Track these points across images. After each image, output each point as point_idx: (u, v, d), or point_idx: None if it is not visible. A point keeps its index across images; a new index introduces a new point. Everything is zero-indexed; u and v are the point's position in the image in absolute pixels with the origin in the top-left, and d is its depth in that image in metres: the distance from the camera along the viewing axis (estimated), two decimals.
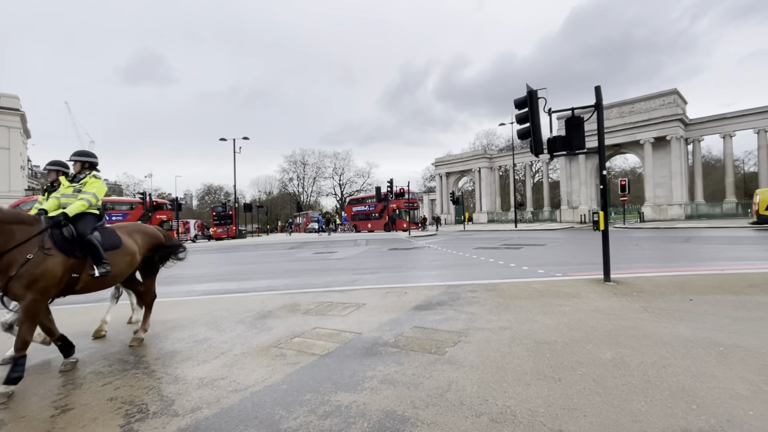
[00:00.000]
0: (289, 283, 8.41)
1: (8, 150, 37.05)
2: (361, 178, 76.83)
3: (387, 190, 26.92)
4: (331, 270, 10.39)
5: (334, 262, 12.41)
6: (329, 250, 17.37)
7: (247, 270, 11.32)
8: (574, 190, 38.34)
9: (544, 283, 6.64)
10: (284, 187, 77.29)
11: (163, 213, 29.78)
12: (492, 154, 49.99)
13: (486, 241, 17.81)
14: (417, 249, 15.72)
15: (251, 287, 8.15)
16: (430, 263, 10.80)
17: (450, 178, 54.57)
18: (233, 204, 34.25)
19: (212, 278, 9.94)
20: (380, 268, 10.21)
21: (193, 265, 12.74)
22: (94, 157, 4.14)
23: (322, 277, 9.22)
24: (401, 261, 11.62)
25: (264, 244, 23.79)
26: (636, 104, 33.14)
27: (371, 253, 14.56)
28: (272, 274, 10.10)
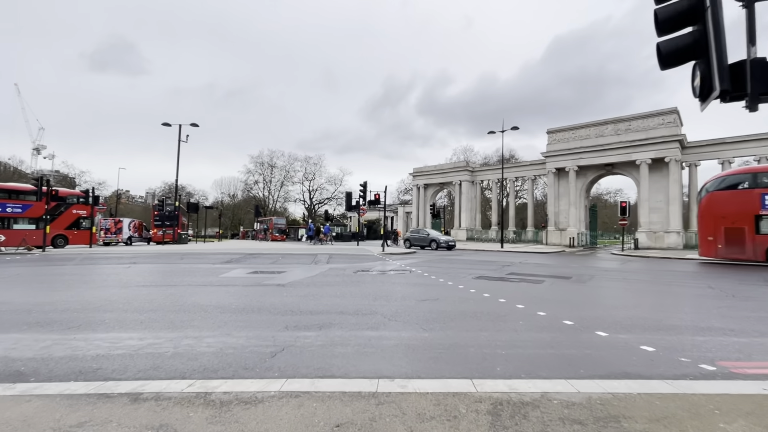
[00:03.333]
0: (151, 347, 3.86)
1: None
2: (332, 185, 72.12)
3: (360, 195, 22.60)
4: (255, 312, 5.89)
5: (270, 292, 7.87)
6: (276, 267, 12.73)
7: (111, 300, 6.58)
8: (562, 210, 35.54)
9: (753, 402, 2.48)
10: (248, 190, 71.22)
11: (81, 207, 23.97)
12: (474, 167, 46.96)
13: (481, 267, 13.76)
14: (394, 274, 11.40)
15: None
16: (422, 307, 6.49)
17: (428, 190, 51.02)
18: (174, 203, 28.65)
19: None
20: (337, 314, 5.80)
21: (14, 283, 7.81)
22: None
23: (229, 332, 4.69)
24: (373, 298, 7.24)
25: (200, 254, 18.72)
26: (633, 122, 30.86)
27: (330, 279, 10.09)
28: (141, 321, 5.45)
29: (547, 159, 36.46)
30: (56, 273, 10.95)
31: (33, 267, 12.33)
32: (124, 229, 31.25)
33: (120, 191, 79.77)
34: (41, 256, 16.74)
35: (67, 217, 23.71)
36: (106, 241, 29.91)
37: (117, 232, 30.76)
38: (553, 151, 35.59)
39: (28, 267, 12.27)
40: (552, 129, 36.34)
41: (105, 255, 17.49)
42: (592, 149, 32.90)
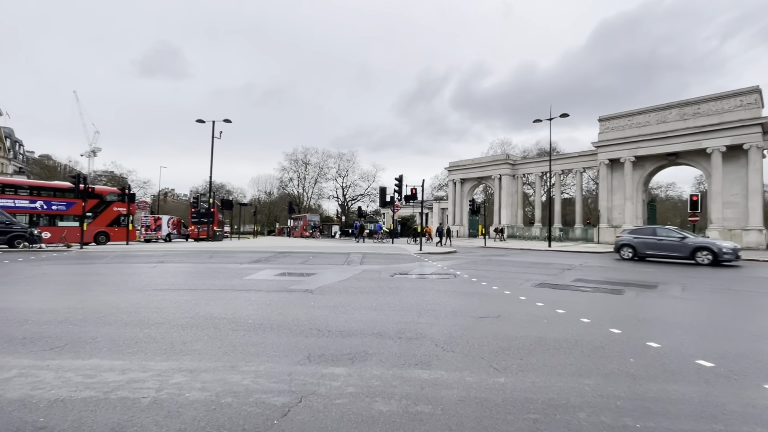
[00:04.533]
0: (129, 386, 2.74)
1: None
2: (365, 182, 71.37)
3: (395, 190, 21.26)
4: (274, 331, 4.74)
5: (295, 300, 6.75)
6: (306, 268, 11.72)
7: (119, 308, 5.69)
8: (617, 205, 32.35)
9: None
10: (284, 187, 72.02)
11: (121, 205, 24.41)
12: (515, 160, 44.23)
13: (536, 270, 12.02)
14: (437, 278, 9.99)
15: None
16: (482, 328, 5.06)
17: (465, 185, 48.80)
18: (209, 200, 28.73)
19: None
20: (374, 337, 4.53)
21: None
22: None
23: (235, 364, 3.52)
24: (417, 313, 5.90)
25: (230, 252, 18.21)
26: (704, 104, 27.26)
27: (364, 284, 8.85)
28: (137, 341, 4.45)
29: (598, 149, 33.37)
30: (81, 273, 10.51)
31: (63, 266, 12.07)
32: (163, 226, 31.89)
33: (166, 190, 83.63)
34: (78, 253, 16.84)
35: (108, 214, 24.24)
36: (146, 238, 30.64)
37: (156, 229, 31.43)
38: (606, 140, 32.45)
39: (58, 265, 12.02)
40: (604, 116, 33.15)
41: (137, 253, 17.35)
42: (653, 137, 29.55)
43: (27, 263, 12.49)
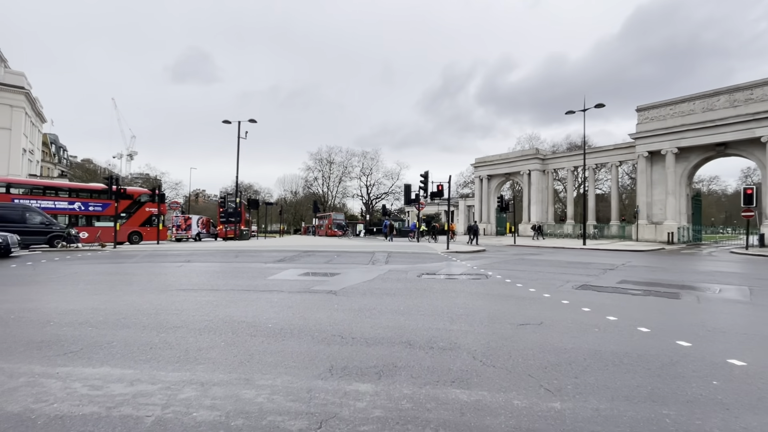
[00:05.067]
0: (135, 401, 2.45)
1: (9, 131, 34.13)
2: (389, 180, 71.04)
3: (420, 187, 20.70)
4: (295, 337, 4.41)
5: (318, 302, 6.42)
6: (330, 268, 11.42)
7: (140, 310, 5.53)
8: (657, 200, 30.36)
9: None
10: (309, 186, 72.76)
11: (153, 206, 25.12)
12: (545, 155, 42.55)
13: (575, 270, 11.21)
14: (468, 279, 9.42)
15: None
16: (524, 338, 4.52)
17: (492, 181, 47.48)
18: (236, 200, 29.16)
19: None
20: (402, 346, 4.10)
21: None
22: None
23: (250, 376, 3.17)
24: (449, 319, 5.40)
25: (255, 251, 18.25)
26: (756, 89, 25.05)
27: (390, 285, 8.42)
28: (151, 347, 4.22)
29: (636, 141, 31.46)
30: (110, 272, 10.65)
31: (94, 265, 12.33)
32: (192, 226, 32.72)
33: (197, 191, 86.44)
34: (111, 252, 17.35)
35: (141, 214, 25.01)
36: (177, 237, 31.52)
37: (187, 229, 32.28)
38: (645, 131, 30.52)
39: (89, 265, 12.29)
40: (643, 106, 31.20)
41: (166, 252, 17.68)
42: (698, 126, 27.48)
43: (62, 262, 12.86)
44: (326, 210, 63.48)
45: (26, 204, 19.84)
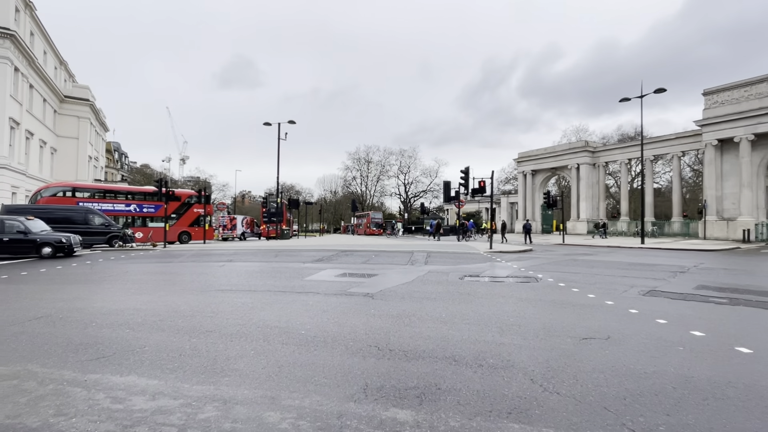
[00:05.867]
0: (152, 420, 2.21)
1: (77, 140, 37.30)
2: (427, 178, 70.07)
3: (460, 184, 19.88)
4: (328, 346, 4.09)
5: (354, 306, 6.08)
6: (368, 268, 11.11)
7: (178, 311, 5.48)
8: (729, 194, 27.22)
9: None
10: (347, 185, 73.54)
11: (200, 207, 26.28)
12: (596, 147, 39.77)
13: (639, 273, 10.06)
14: (515, 283, 8.68)
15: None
16: (590, 355, 3.88)
17: (537, 177, 45.20)
18: (277, 200, 29.82)
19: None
20: (446, 362, 3.63)
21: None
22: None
23: (276, 394, 2.85)
24: (498, 329, 4.83)
25: (295, 250, 18.41)
26: None
27: (430, 288, 7.92)
28: (182, 354, 4.07)
29: (703, 129, 28.44)
30: (156, 272, 11.01)
31: (143, 264, 12.88)
32: (237, 226, 33.97)
33: (243, 192, 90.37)
34: (161, 252, 18.23)
35: (189, 215, 26.26)
36: (223, 237, 32.86)
37: (232, 229, 33.57)
38: (714, 117, 27.46)
39: (139, 264, 12.86)
40: (711, 89, 28.10)
41: (210, 251, 18.28)
42: None
43: (116, 261, 13.59)
44: (364, 209, 63.81)
45: (89, 207, 21.41)
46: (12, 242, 14.17)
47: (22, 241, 14.25)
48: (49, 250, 14.43)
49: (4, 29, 24.37)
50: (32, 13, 29.10)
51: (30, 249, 14.31)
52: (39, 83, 31.03)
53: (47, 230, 15.49)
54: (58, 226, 17.30)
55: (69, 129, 36.67)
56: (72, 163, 36.50)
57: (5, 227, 14.36)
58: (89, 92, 39.35)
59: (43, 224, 15.70)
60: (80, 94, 38.27)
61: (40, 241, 14.43)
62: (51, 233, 15.21)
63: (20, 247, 14.24)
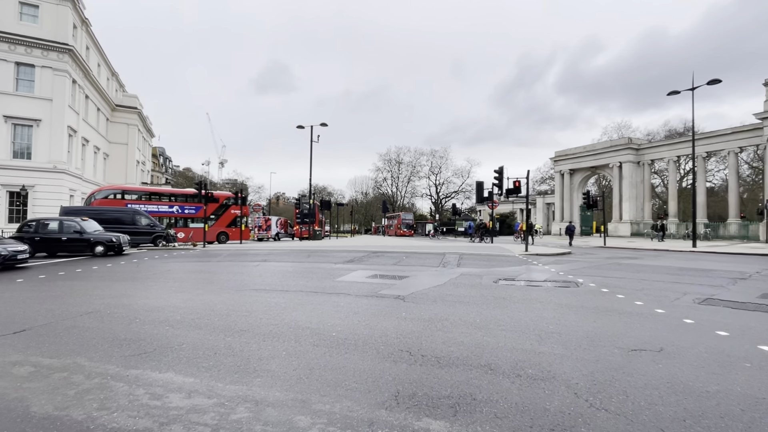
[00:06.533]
0: (186, 418, 2.26)
1: (126, 145, 39.84)
2: (459, 178, 69.03)
3: (494, 184, 19.34)
4: (359, 350, 4.05)
5: (385, 309, 6.01)
6: (399, 270, 11.01)
7: (214, 310, 5.64)
8: None
9: None
10: (378, 187, 73.84)
11: (237, 208, 27.27)
12: (640, 144, 37.52)
13: (691, 279, 9.33)
14: (554, 287, 8.27)
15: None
16: (641, 369, 3.58)
17: (575, 176, 43.28)
18: (309, 201, 30.39)
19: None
20: (481, 370, 3.46)
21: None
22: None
23: (307, 397, 2.84)
24: (536, 336, 4.59)
25: (326, 251, 18.63)
26: None
27: (463, 291, 7.70)
28: (216, 352, 4.16)
29: (764, 122, 26.09)
30: (196, 270, 11.46)
31: (184, 263, 13.47)
32: (272, 227, 34.94)
33: (278, 194, 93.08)
34: (200, 251, 19.04)
35: (227, 216, 27.31)
36: (259, 237, 33.91)
37: (267, 229, 34.58)
38: None
39: (180, 263, 13.46)
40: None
41: (246, 251, 18.86)
42: None
43: (160, 260, 14.31)
44: (395, 210, 63.77)
45: (136, 208, 22.76)
46: (69, 241, 15.35)
47: (78, 240, 15.39)
48: (101, 248, 15.49)
49: (64, 44, 26.45)
50: (88, 29, 31.40)
51: (85, 247, 15.44)
52: (94, 94, 33.42)
53: (100, 230, 16.63)
54: (109, 226, 18.51)
55: (119, 135, 39.23)
56: (122, 167, 39.01)
57: (63, 227, 15.58)
58: (137, 101, 41.93)
59: (96, 225, 16.87)
60: (129, 103, 40.85)
61: (93, 240, 15.52)
62: (103, 233, 16.30)
63: (76, 245, 15.40)
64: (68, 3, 26.92)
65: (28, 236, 15.01)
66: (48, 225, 15.67)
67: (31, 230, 15.41)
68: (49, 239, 15.29)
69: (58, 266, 12.31)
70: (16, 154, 25.70)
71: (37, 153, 25.93)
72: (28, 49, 25.66)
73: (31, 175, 25.42)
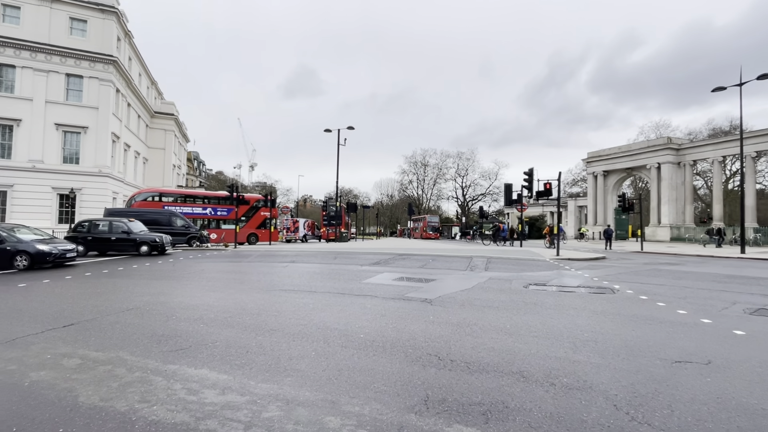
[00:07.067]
0: (221, 414, 2.35)
1: (164, 150, 41.82)
2: (486, 180, 67.81)
3: (523, 186, 18.86)
4: (387, 352, 4.05)
5: (412, 312, 5.98)
6: (425, 273, 10.93)
7: (245, 309, 5.81)
8: None
9: None
10: (404, 189, 73.73)
11: (266, 210, 28.01)
12: (681, 144, 35.55)
13: (740, 286, 8.74)
14: (588, 293, 7.96)
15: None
16: (688, 383, 3.37)
17: (609, 178, 41.56)
18: (336, 203, 30.76)
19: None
20: (513, 378, 3.38)
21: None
22: None
23: (337, 398, 2.87)
24: (570, 344, 4.43)
25: (353, 253, 18.77)
26: None
27: (492, 296, 7.54)
28: (248, 351, 4.27)
29: None
30: (228, 270, 11.83)
31: (217, 263, 13.94)
32: (300, 229, 35.60)
33: (305, 196, 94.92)
34: (231, 252, 19.66)
35: (257, 218, 28.11)
36: (287, 239, 34.64)
37: (295, 231, 35.26)
38: None
39: (213, 263, 13.94)
40: None
41: (275, 252, 19.30)
42: None
43: (194, 260, 14.89)
44: (421, 212, 63.45)
45: (172, 210, 23.82)
46: (118, 241, 16.40)
47: (126, 240, 16.41)
48: (145, 248, 16.42)
49: (109, 56, 28.15)
50: (130, 41, 33.28)
51: (131, 247, 16.43)
52: (135, 102, 35.34)
53: (145, 231, 17.62)
54: (148, 227, 19.48)
55: (157, 141, 41.25)
56: (159, 171, 40.97)
57: (113, 228, 16.67)
58: (174, 108, 43.97)
59: (141, 225, 17.90)
60: (167, 110, 42.90)
61: (139, 240, 16.48)
62: (148, 233, 17.25)
63: (124, 245, 16.43)
64: (113, 17, 28.65)
65: (81, 236, 16.22)
66: (99, 226, 16.82)
67: (84, 230, 16.58)
68: (100, 239, 16.41)
69: (101, 264, 13.05)
70: (66, 159, 27.55)
71: (84, 158, 27.69)
72: (77, 61, 27.49)
73: (78, 178, 27.17)
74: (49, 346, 4.30)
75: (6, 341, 4.51)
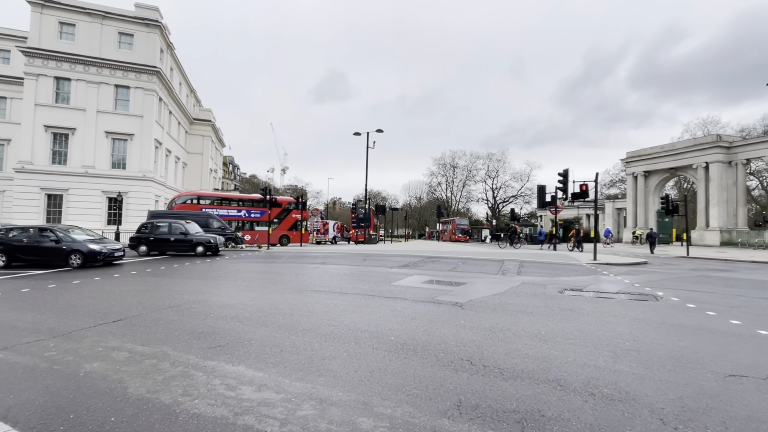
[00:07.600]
0: (257, 410, 2.46)
1: (201, 155, 43.78)
2: (518, 182, 66.04)
3: (558, 188, 18.23)
4: (418, 356, 4.06)
5: (442, 316, 5.92)
6: (455, 276, 10.79)
7: (278, 309, 5.97)
8: None
9: None
10: (432, 191, 73.19)
11: (297, 212, 28.67)
12: (733, 141, 33.15)
13: None
14: (628, 300, 7.58)
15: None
16: (742, 398, 3.14)
17: (650, 179, 39.39)
18: (365, 206, 30.99)
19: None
20: (549, 386, 3.27)
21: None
22: None
23: (369, 399, 2.91)
24: (611, 353, 4.24)
25: (382, 255, 18.82)
26: None
27: (525, 301, 7.33)
28: (282, 350, 4.39)
29: None
30: (262, 271, 12.19)
31: (251, 263, 14.40)
32: (329, 230, 36.16)
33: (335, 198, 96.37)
34: (265, 253, 20.25)
35: (289, 220, 28.83)
36: (317, 240, 35.27)
37: (325, 233, 35.85)
38: None
39: (248, 263, 14.41)
40: None
41: (306, 254, 19.69)
42: None
43: (230, 260, 15.46)
44: (450, 215, 62.75)
45: (209, 212, 24.88)
46: (176, 242, 17.40)
47: (183, 241, 17.38)
48: (201, 248, 17.31)
49: (152, 67, 29.87)
50: (172, 52, 35.15)
51: (188, 247, 17.35)
52: (176, 109, 37.25)
53: (201, 232, 18.59)
54: None
55: (195, 146, 43.25)
56: (197, 175, 42.91)
57: (172, 229, 17.73)
58: (211, 114, 45.96)
59: (197, 227, 18.91)
60: (204, 117, 44.91)
61: (195, 241, 17.39)
62: (203, 234, 18.20)
63: (181, 245, 17.37)
64: (157, 30, 30.39)
65: (144, 237, 17.44)
66: (159, 227, 17.89)
67: (147, 231, 17.74)
68: (161, 239, 17.45)
69: (145, 264, 13.82)
70: (114, 164, 29.46)
71: (130, 163, 29.50)
72: (125, 72, 29.37)
73: (125, 182, 28.96)
74: (101, 340, 4.61)
75: (63, 334, 4.87)
